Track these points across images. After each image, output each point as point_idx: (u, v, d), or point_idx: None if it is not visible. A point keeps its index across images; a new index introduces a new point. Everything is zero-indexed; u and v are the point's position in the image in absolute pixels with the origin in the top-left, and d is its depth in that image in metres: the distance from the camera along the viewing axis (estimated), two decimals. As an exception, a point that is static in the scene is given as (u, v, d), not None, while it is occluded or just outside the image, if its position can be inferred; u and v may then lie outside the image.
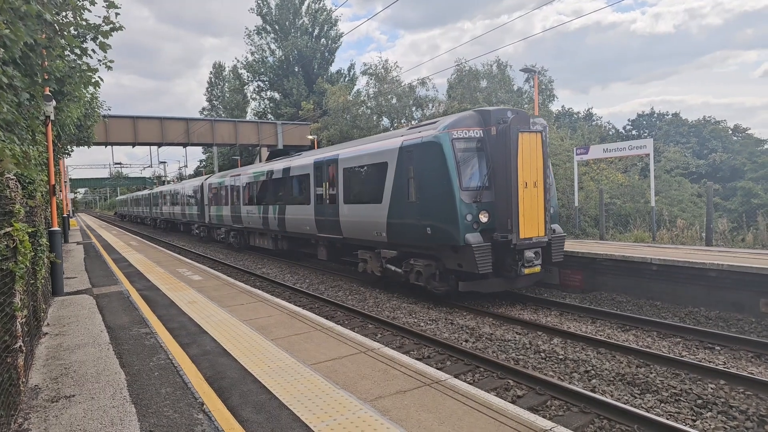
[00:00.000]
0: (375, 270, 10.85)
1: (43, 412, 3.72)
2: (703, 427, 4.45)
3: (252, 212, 17.53)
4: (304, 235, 14.23)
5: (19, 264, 3.94)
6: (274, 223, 15.73)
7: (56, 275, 8.68)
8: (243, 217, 18.56)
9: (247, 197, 18.16)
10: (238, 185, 19.14)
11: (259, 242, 17.87)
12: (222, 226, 21.74)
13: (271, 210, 15.93)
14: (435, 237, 8.68)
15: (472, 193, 8.42)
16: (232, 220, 19.90)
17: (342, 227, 11.71)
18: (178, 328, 6.04)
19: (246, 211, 18.16)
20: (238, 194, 19.11)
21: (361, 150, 11.18)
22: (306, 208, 13.55)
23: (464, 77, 30.14)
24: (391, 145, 9.99)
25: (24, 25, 5.32)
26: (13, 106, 6.01)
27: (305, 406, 3.65)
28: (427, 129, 9.25)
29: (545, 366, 6.06)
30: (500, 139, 8.41)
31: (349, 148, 12.06)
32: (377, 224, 10.26)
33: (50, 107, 8.69)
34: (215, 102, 62.12)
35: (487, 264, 8.10)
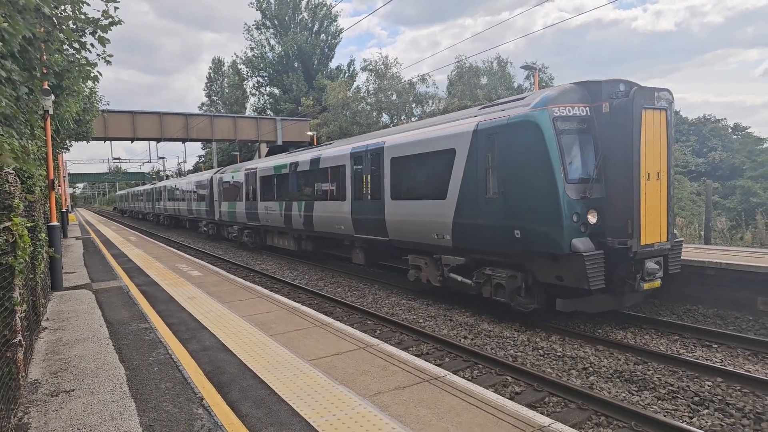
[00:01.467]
0: (432, 279, 9.18)
1: (42, 406, 3.73)
2: (700, 424, 4.48)
3: (272, 209, 15.70)
4: (335, 236, 12.45)
5: (19, 258, 3.94)
6: (299, 221, 13.86)
7: (55, 270, 8.68)
8: (260, 214, 16.70)
9: (266, 192, 16.29)
10: (255, 179, 17.21)
11: (278, 242, 16.16)
12: (234, 223, 19.76)
13: (295, 207, 14.08)
14: (526, 242, 7.00)
15: (580, 187, 6.71)
16: (247, 217, 17.90)
17: (388, 228, 9.99)
18: (178, 324, 6.05)
19: (264, 208, 16.33)
20: (255, 189, 17.20)
21: (417, 136, 9.34)
22: (340, 205, 11.74)
23: (464, 74, 30.08)
24: (460, 129, 8.16)
25: (22, 18, 5.29)
26: (11, 100, 5.98)
27: (304, 402, 3.66)
28: (513, 106, 7.49)
29: (543, 363, 6.09)
30: (615, 117, 6.71)
31: (398, 134, 10.18)
32: (438, 225, 8.53)
33: (49, 101, 8.65)
34: (214, 97, 61.90)
35: (599, 278, 6.50)
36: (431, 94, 32.16)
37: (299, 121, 38.98)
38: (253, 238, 18.20)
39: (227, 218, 20.45)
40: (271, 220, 15.94)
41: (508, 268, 7.62)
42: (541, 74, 29.10)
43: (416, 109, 32.61)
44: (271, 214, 15.83)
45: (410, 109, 32.45)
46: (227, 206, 20.26)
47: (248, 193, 17.87)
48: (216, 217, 21.80)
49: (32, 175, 6.32)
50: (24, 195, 5.18)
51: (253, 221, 17.51)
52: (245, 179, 18.14)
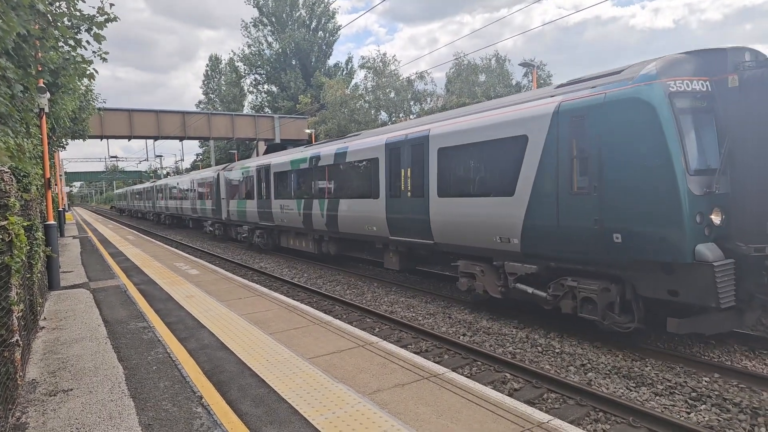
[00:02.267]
0: (491, 290, 7.87)
1: (41, 405, 3.72)
2: (697, 419, 4.50)
3: (288, 208, 14.24)
4: (365, 238, 10.99)
5: (15, 258, 3.92)
6: (321, 221, 12.42)
7: (52, 269, 8.65)
8: (274, 213, 15.24)
9: (281, 190, 14.87)
10: (269, 176, 15.70)
11: (295, 244, 14.77)
12: (244, 223, 18.17)
13: (316, 205, 12.60)
14: (629, 249, 5.70)
15: (703, 180, 5.44)
16: (259, 216, 16.41)
17: (433, 229, 8.67)
18: (176, 322, 6.04)
19: (279, 207, 14.87)
20: (268, 186, 15.70)
21: (473, 122, 7.91)
22: (372, 204, 10.34)
23: (463, 71, 30.05)
24: (534, 111, 6.82)
25: (16, 15, 5.25)
26: (6, 98, 5.94)
27: (304, 400, 3.66)
28: (607, 82, 6.13)
29: (542, 359, 6.11)
30: (749, 93, 5.39)
31: (445, 121, 8.70)
32: (503, 226, 7.23)
33: (44, 99, 8.60)
34: (212, 95, 61.71)
35: (730, 293, 5.31)
36: (429, 92, 32.14)
37: (297, 119, 38.88)
38: (266, 239, 16.80)
39: (236, 218, 18.79)
40: (288, 219, 14.41)
41: (600, 278, 6.28)
42: (539, 71, 29.09)
43: (414, 106, 32.58)
44: (288, 213, 14.30)
45: (408, 106, 32.42)
46: (236, 205, 18.61)
47: (260, 190, 16.34)
48: (223, 216, 20.23)
49: (28, 174, 6.28)
50: (20, 194, 5.15)
51: (266, 221, 16.02)
52: (257, 176, 16.61)
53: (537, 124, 6.73)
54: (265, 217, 16.10)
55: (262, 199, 16.21)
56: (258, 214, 16.59)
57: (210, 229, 23.27)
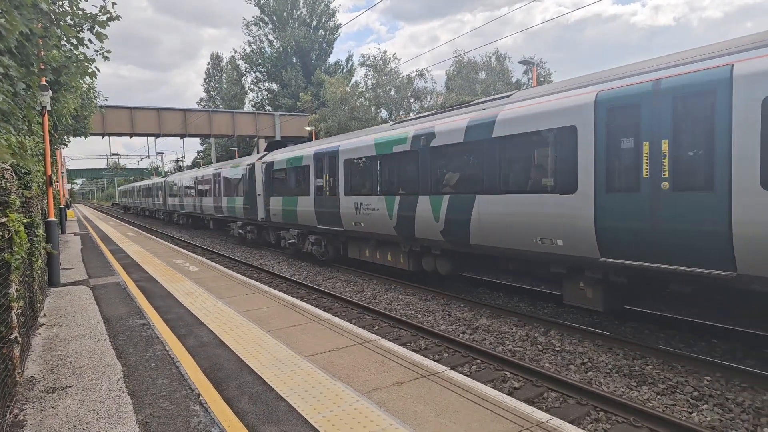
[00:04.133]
0: None
1: (39, 402, 3.72)
2: (699, 419, 4.48)
3: (370, 207, 10.58)
4: (526, 256, 7.26)
5: (15, 254, 3.92)
6: (432, 227, 8.75)
7: (53, 266, 8.66)
8: (345, 214, 11.50)
9: (358, 182, 11.19)
10: (335, 164, 11.99)
11: (374, 256, 11.13)
12: (292, 226, 14.53)
13: (424, 204, 8.93)
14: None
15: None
16: (318, 218, 12.73)
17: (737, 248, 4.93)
18: (175, 320, 6.03)
19: (354, 206, 11.15)
20: (334, 178, 12.01)
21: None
22: (558, 203, 6.55)
23: (463, 69, 29.99)
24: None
25: (19, 14, 5.24)
26: (9, 96, 5.94)
27: (302, 398, 3.65)
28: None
29: (542, 358, 6.09)
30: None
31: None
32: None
33: (47, 97, 8.61)
34: (213, 93, 61.77)
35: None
36: (430, 89, 32.10)
37: (298, 117, 38.87)
38: (324, 247, 13.11)
39: (279, 219, 15.01)
40: (368, 223, 10.70)
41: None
42: (539, 69, 28.99)
43: (414, 104, 32.55)
44: (369, 215, 10.62)
45: (409, 104, 32.39)
46: (280, 203, 14.83)
47: (321, 184, 12.71)
48: (259, 216, 16.43)
49: (30, 171, 6.29)
50: (21, 191, 5.15)
51: (329, 224, 12.28)
52: (315, 165, 12.92)
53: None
54: (326, 219, 12.35)
55: (323, 195, 12.47)
56: (316, 216, 12.83)
57: (239, 232, 19.36)
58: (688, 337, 6.66)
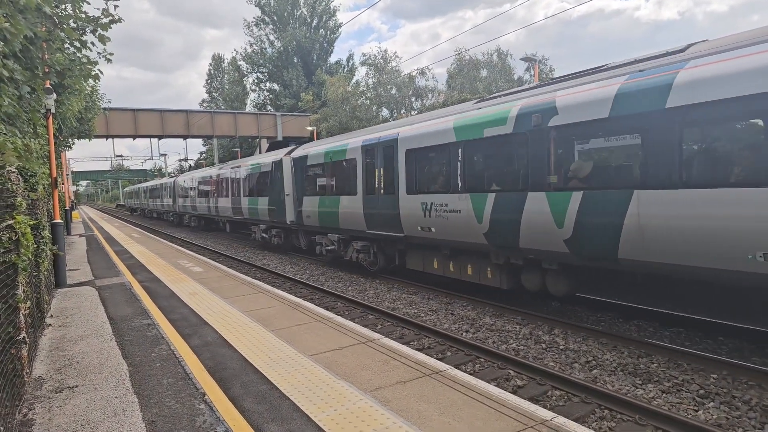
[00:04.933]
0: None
1: (47, 402, 3.76)
2: (705, 417, 4.46)
3: (447, 208, 8.38)
4: (746, 279, 4.92)
5: (22, 256, 3.96)
6: (553, 234, 6.65)
7: (59, 267, 8.73)
8: (406, 217, 9.35)
9: (428, 178, 9.09)
10: (394, 156, 9.74)
11: (448, 268, 8.99)
12: (331, 230, 12.47)
13: (535, 203, 6.90)
14: None
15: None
16: (368, 221, 10.60)
17: None
18: (180, 320, 6.07)
19: (422, 206, 8.90)
20: (393, 173, 9.76)
21: None
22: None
23: (464, 67, 29.95)
24: None
25: (24, 18, 5.29)
26: (14, 99, 6.00)
27: (306, 397, 3.67)
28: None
29: (546, 356, 6.08)
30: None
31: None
32: None
33: (51, 100, 8.68)
34: (215, 94, 62.00)
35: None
36: (431, 88, 32.08)
37: (299, 117, 38.95)
38: (374, 256, 11.02)
39: (315, 222, 12.98)
40: (442, 227, 8.49)
41: None
42: (542, 66, 28.90)
43: (416, 102, 32.54)
44: (445, 217, 8.38)
45: (410, 102, 32.38)
46: (316, 204, 12.79)
47: (372, 181, 10.51)
48: (288, 219, 14.51)
49: (35, 174, 6.34)
50: (27, 193, 5.20)
51: (384, 228, 10.12)
52: (364, 158, 10.78)
53: None
54: (379, 222, 10.27)
55: (376, 194, 10.38)
56: (365, 218, 10.76)
57: (262, 236, 17.22)
58: (693, 335, 6.64)
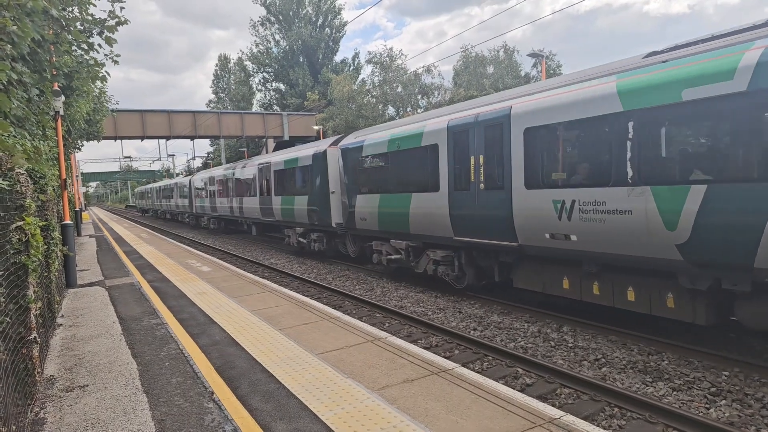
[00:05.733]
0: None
1: (58, 401, 3.81)
2: (716, 415, 4.40)
3: (601, 208, 6.00)
4: None
5: (32, 257, 4.00)
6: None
7: (69, 268, 8.84)
8: (527, 220, 7.01)
9: (565, 166, 6.75)
10: (504, 139, 7.33)
11: (592, 290, 6.58)
12: (397, 236, 10.04)
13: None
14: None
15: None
16: (458, 225, 8.27)
17: None
18: (188, 319, 6.12)
19: (552, 207, 6.57)
20: (501, 162, 7.41)
21: None
22: None
23: (470, 63, 29.79)
24: None
25: (31, 21, 5.35)
26: (23, 101, 6.08)
27: (313, 395, 3.67)
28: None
29: (554, 354, 6.03)
30: None
31: None
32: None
33: (59, 102, 8.77)
34: (221, 94, 62.32)
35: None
36: (437, 85, 31.96)
37: (305, 116, 39.04)
38: (461, 269, 8.69)
39: (374, 225, 10.64)
40: (592, 235, 6.13)
41: None
42: (549, 62, 28.64)
43: (422, 100, 32.43)
44: (600, 221, 6.01)
45: (416, 100, 32.29)
46: (376, 203, 10.47)
47: (465, 172, 8.05)
48: (334, 221, 12.51)
49: (45, 175, 6.41)
50: (36, 195, 5.26)
51: (486, 235, 7.71)
52: (451, 143, 8.30)
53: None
54: (476, 227, 7.88)
55: (472, 190, 7.90)
56: (451, 221, 8.34)
57: (299, 241, 14.94)
58: (704, 332, 6.55)
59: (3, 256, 3.30)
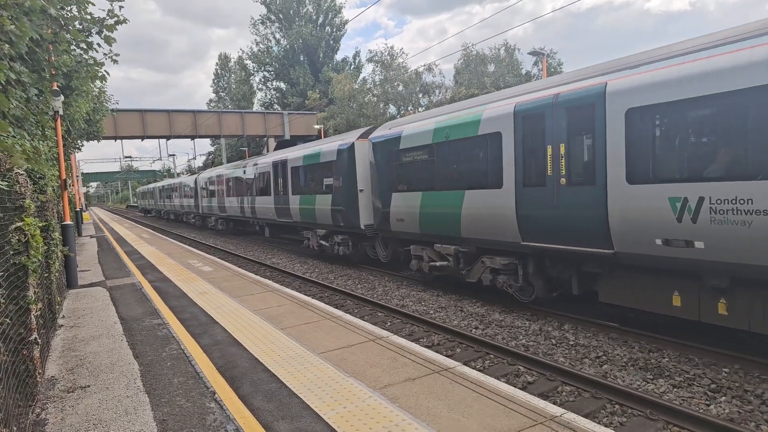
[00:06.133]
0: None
1: (59, 402, 3.81)
2: (717, 411, 4.40)
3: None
4: None
5: (32, 258, 4.00)
6: None
7: (70, 268, 8.85)
8: (635, 222, 5.56)
9: (754, 153, 4.64)
10: (592, 120, 5.94)
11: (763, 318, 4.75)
12: (443, 239, 8.66)
13: None
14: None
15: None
16: (527, 229, 6.91)
17: None
18: (190, 319, 6.12)
19: (674, 205, 5.17)
20: (592, 150, 6.00)
21: None
22: None
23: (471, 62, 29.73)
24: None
25: (29, 20, 5.34)
26: (22, 102, 6.07)
27: (315, 394, 3.67)
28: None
29: (556, 352, 6.03)
30: None
31: None
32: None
33: (59, 102, 8.75)
34: (222, 94, 62.26)
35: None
36: (438, 84, 31.90)
37: (306, 115, 38.99)
38: (527, 280, 7.38)
39: (415, 227, 9.23)
40: (732, 242, 4.79)
41: None
42: (549, 60, 28.58)
43: (423, 99, 32.38)
44: (745, 224, 4.66)
45: (417, 99, 32.23)
46: (418, 202, 9.07)
47: (537, 164, 6.77)
48: (363, 222, 11.33)
49: (44, 176, 6.41)
50: (36, 195, 5.26)
51: (563, 239, 6.49)
52: (521, 129, 6.93)
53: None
54: (554, 228, 6.57)
55: (549, 186, 6.59)
56: (520, 223, 6.99)
57: (320, 243, 13.58)
58: (703, 330, 6.53)
59: (3, 257, 3.30)
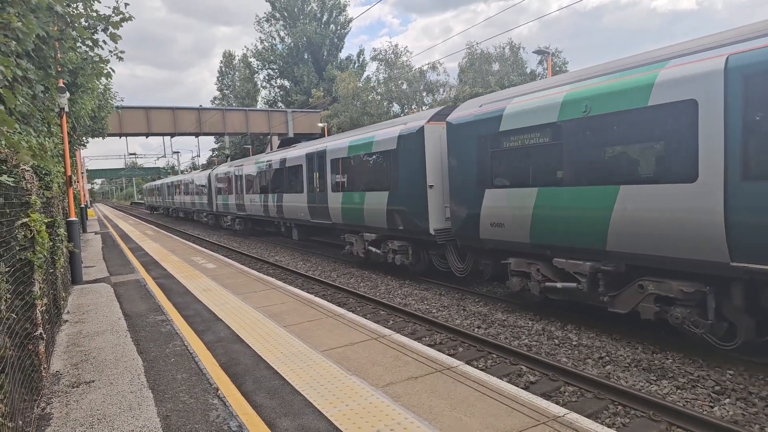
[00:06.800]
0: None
1: (64, 397, 3.84)
2: (721, 413, 4.37)
3: None
4: None
5: (37, 254, 4.03)
6: None
7: (75, 264, 8.91)
8: None
9: None
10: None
11: None
12: (570, 253, 6.51)
13: None
14: None
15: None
16: (754, 242, 4.58)
17: None
18: (193, 316, 6.15)
19: None
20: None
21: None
22: None
23: (476, 61, 29.62)
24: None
25: (35, 17, 5.37)
26: (28, 98, 6.10)
27: (317, 392, 3.68)
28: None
29: (558, 352, 6.02)
30: None
31: None
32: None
33: (64, 99, 8.80)
34: (226, 91, 62.36)
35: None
36: (442, 82, 31.82)
37: (310, 113, 39.02)
38: (714, 313, 5.20)
39: (525, 234, 7.09)
40: None
41: None
42: (555, 59, 28.43)
43: (427, 97, 32.32)
44: None
45: (421, 97, 32.17)
46: (529, 201, 6.99)
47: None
48: (433, 226, 9.22)
49: (50, 172, 6.45)
50: (42, 191, 5.29)
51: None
52: (740, 94, 4.62)
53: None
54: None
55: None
56: (730, 234, 4.79)
57: (369, 250, 11.48)
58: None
59: (9, 253, 3.32)
